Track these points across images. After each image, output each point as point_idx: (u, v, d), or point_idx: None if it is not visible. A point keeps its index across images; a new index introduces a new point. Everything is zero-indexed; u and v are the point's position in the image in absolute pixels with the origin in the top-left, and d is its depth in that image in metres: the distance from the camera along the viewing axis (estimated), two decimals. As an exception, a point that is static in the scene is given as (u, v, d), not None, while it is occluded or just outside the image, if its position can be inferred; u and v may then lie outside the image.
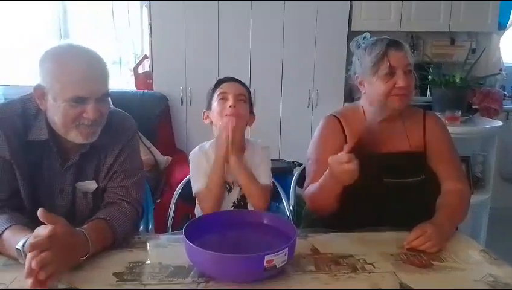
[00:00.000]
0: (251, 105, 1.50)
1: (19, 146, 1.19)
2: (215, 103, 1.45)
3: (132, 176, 1.30)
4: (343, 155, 1.17)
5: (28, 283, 0.91)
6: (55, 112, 1.16)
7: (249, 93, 1.51)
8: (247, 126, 1.50)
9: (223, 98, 1.43)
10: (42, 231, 0.96)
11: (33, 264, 0.90)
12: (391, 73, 1.36)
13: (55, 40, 3.37)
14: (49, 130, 1.20)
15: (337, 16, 3.28)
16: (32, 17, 3.42)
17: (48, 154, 1.23)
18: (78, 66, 1.13)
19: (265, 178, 1.45)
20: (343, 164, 1.17)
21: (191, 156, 1.50)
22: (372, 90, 1.42)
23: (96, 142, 1.23)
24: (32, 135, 1.20)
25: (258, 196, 1.42)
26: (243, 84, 1.50)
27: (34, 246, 0.92)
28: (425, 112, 1.52)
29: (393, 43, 1.38)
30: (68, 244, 0.98)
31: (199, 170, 1.45)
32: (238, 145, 1.42)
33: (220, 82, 1.48)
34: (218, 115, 1.43)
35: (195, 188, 1.44)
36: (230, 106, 1.40)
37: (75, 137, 1.18)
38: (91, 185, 1.28)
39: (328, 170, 1.25)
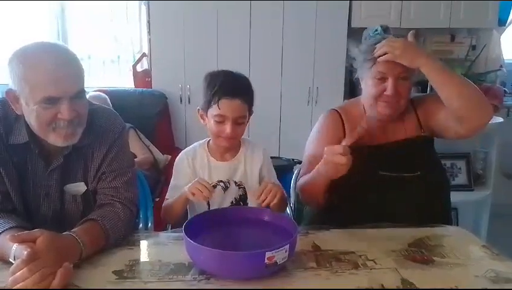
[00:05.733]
0: (251, 105, 1.41)
1: (2, 150, 1.16)
2: (211, 120, 1.36)
3: (122, 175, 1.25)
4: (339, 146, 1.18)
5: None
6: (30, 116, 1.11)
7: (252, 96, 1.39)
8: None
9: (221, 121, 1.33)
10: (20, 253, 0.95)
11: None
12: (382, 78, 1.36)
13: (53, 39, 3.36)
14: (29, 132, 1.16)
15: (336, 12, 3.27)
16: (29, 15, 3.40)
17: (30, 157, 1.19)
18: (46, 64, 1.06)
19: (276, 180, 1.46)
20: (336, 155, 1.18)
21: (176, 160, 1.47)
22: (365, 89, 1.44)
23: (80, 142, 1.18)
24: (13, 139, 1.17)
25: None
26: (245, 99, 1.35)
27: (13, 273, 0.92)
28: (412, 101, 1.51)
29: None
30: (57, 248, 0.97)
31: (176, 177, 1.44)
32: (235, 144, 1.42)
33: (219, 93, 1.32)
34: (213, 134, 1.38)
35: (168, 195, 1.44)
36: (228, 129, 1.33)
37: (54, 140, 1.13)
38: (80, 187, 1.23)
39: (321, 161, 1.25)
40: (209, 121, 1.37)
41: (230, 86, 1.34)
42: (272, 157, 1.54)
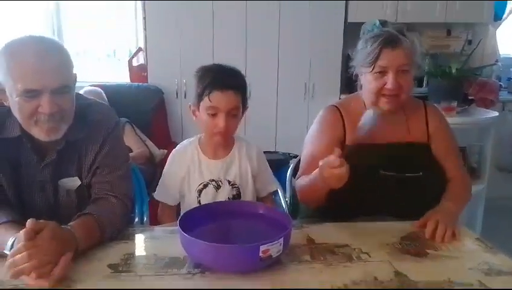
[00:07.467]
0: (245, 99, 1.39)
1: None
2: (204, 114, 1.34)
3: (117, 169, 1.24)
4: (335, 160, 1.13)
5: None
6: (14, 108, 1.11)
7: (244, 89, 1.38)
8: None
9: (213, 114, 1.32)
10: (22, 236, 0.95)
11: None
12: (382, 72, 1.35)
13: (48, 34, 3.34)
14: (21, 127, 1.15)
15: (333, 7, 3.27)
16: (25, 10, 3.38)
17: (23, 151, 1.19)
18: (28, 56, 1.06)
19: (273, 183, 1.54)
20: (334, 169, 1.14)
21: (169, 157, 1.47)
22: (365, 84, 1.41)
23: (73, 137, 1.18)
24: (5, 132, 1.17)
25: None
26: (237, 90, 1.33)
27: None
28: (426, 104, 1.51)
29: (389, 42, 1.33)
30: (59, 239, 0.97)
31: (167, 178, 1.45)
32: (229, 140, 1.42)
33: (211, 86, 1.31)
34: (206, 129, 1.37)
35: (157, 194, 1.46)
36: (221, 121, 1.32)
37: (38, 134, 1.13)
38: (74, 181, 1.23)
39: (319, 171, 1.21)
40: (202, 116, 1.35)
41: (221, 78, 1.33)
42: (268, 152, 1.55)
